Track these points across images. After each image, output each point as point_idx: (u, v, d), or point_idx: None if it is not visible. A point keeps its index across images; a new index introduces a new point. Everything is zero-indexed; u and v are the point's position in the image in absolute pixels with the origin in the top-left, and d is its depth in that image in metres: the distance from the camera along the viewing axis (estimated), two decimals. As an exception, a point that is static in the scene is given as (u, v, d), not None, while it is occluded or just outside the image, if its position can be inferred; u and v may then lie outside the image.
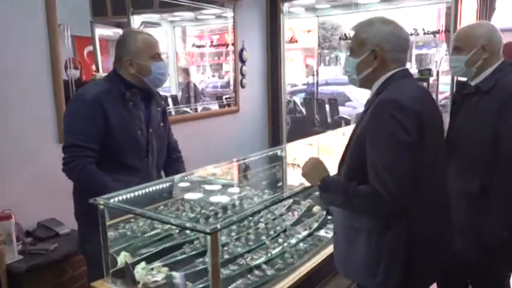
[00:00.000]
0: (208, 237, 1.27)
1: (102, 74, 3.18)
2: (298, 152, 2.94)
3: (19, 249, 2.23)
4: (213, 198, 2.06)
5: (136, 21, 3.56)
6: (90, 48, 3.15)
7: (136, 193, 1.81)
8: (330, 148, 3.14)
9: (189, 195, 2.12)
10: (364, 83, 1.46)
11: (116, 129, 1.88)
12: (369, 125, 1.32)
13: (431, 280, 1.53)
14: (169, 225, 1.91)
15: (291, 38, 5.54)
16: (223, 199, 2.07)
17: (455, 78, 3.47)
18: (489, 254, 1.82)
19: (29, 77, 2.52)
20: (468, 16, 3.86)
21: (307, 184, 1.60)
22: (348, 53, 1.50)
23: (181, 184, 2.13)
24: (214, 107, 4.31)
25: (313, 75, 8.32)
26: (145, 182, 1.92)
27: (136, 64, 1.92)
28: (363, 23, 1.45)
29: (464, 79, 1.99)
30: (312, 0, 4.64)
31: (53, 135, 2.65)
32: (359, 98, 8.56)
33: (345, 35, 5.20)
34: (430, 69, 3.97)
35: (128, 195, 1.75)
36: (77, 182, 1.93)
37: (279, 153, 2.79)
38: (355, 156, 1.38)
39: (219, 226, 1.30)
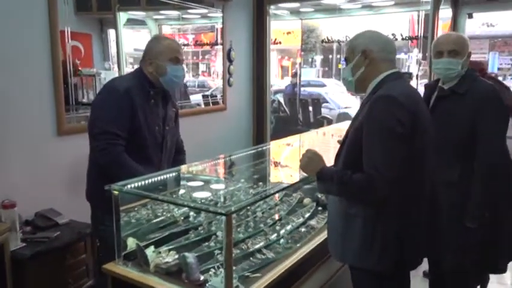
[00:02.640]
0: (224, 218, 1.40)
1: (86, 69, 3.23)
2: (284, 149, 3.10)
3: (20, 237, 2.29)
4: (213, 187, 2.19)
5: (122, 18, 3.59)
6: (74, 42, 3.17)
7: (142, 182, 1.92)
8: (312, 146, 3.30)
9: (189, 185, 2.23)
10: (359, 85, 1.64)
11: (141, 122, 2.04)
12: (365, 117, 1.47)
13: (420, 260, 1.68)
14: (172, 213, 2.05)
15: (274, 40, 5.69)
16: (221, 189, 2.21)
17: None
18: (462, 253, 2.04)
19: (29, 69, 2.56)
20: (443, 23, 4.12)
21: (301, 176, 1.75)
22: (344, 64, 1.69)
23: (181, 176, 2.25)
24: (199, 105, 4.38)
25: (293, 76, 8.52)
26: None
27: (155, 64, 2.10)
28: (353, 36, 1.67)
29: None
30: (297, 4, 4.80)
31: (52, 127, 2.70)
32: (335, 99, 8.86)
33: (327, 38, 5.40)
34: (410, 73, 4.23)
35: (137, 184, 1.86)
36: (108, 167, 2.01)
37: (263, 150, 2.95)
38: (351, 148, 1.53)
39: (233, 208, 1.44)
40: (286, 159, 2.86)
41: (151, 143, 2.11)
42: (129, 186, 1.80)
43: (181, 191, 2.10)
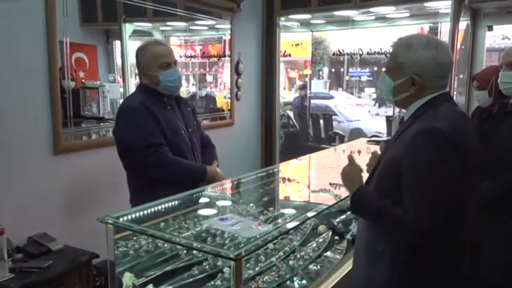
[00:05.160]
0: (233, 263, 1.20)
1: (90, 81, 3.10)
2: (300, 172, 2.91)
3: (10, 266, 2.10)
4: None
5: (128, 29, 3.49)
6: (78, 54, 3.06)
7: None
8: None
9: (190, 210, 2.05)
10: (400, 105, 1.44)
11: (168, 130, 2.06)
12: (408, 152, 1.27)
13: None
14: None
15: (284, 52, 5.53)
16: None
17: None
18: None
19: (24, 85, 2.40)
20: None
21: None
22: (385, 71, 1.44)
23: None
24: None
25: (300, 88, 8.35)
26: None
27: (148, 76, 2.09)
28: (401, 44, 1.38)
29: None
30: (308, 16, 4.64)
31: (49, 147, 2.52)
32: (344, 112, 8.66)
33: (338, 51, 5.23)
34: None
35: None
36: (170, 176, 2.04)
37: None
38: (385, 180, 1.34)
39: (243, 252, 1.24)
40: (302, 183, 2.68)
41: (184, 146, 2.12)
42: (129, 216, 1.62)
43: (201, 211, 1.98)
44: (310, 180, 2.94)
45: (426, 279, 1.31)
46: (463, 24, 3.74)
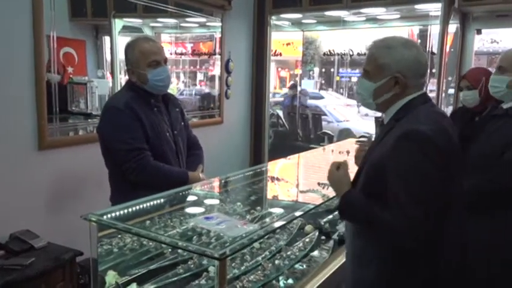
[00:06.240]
0: (217, 262, 1.18)
1: (79, 77, 3.06)
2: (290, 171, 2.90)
3: (-9, 263, 2.06)
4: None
5: (117, 25, 3.45)
6: (67, 49, 3.01)
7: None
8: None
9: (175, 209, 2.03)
10: (380, 108, 1.43)
11: (151, 133, 2.00)
12: (391, 156, 1.26)
13: None
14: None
15: (275, 51, 5.52)
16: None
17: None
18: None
19: (9, 79, 2.35)
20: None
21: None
22: (362, 75, 1.43)
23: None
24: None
25: (290, 88, 8.35)
26: None
27: (137, 73, 2.02)
28: (379, 46, 1.37)
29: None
30: (299, 15, 4.63)
31: (33, 142, 2.48)
32: (334, 112, 8.68)
33: (329, 51, 5.23)
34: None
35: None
36: (150, 181, 1.99)
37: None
38: (371, 184, 1.33)
39: (228, 251, 1.22)
40: (291, 182, 2.67)
41: (167, 150, 2.07)
42: (113, 214, 1.60)
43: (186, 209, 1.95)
44: (299, 179, 2.94)
45: (414, 284, 1.30)
46: (452, 27, 3.77)
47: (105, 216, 1.55)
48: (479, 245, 1.78)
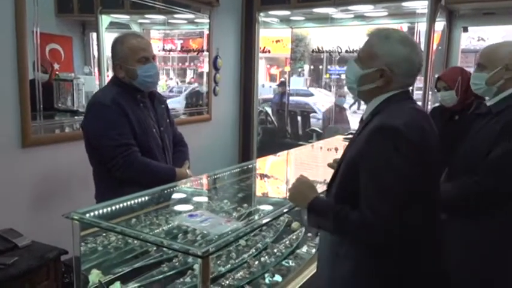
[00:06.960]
0: (200, 260, 1.17)
1: (65, 73, 3.02)
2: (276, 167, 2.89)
3: (-27, 262, 2.02)
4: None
5: (104, 21, 3.41)
6: (53, 45, 2.98)
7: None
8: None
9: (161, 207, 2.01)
10: (362, 96, 1.40)
11: (138, 129, 1.99)
12: (364, 149, 1.24)
13: None
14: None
15: (263, 48, 5.51)
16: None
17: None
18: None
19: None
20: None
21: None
22: (355, 59, 1.40)
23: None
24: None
25: (279, 85, 8.35)
26: None
27: (125, 68, 2.01)
28: (379, 34, 1.35)
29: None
30: (287, 12, 4.63)
31: (16, 140, 2.44)
32: (322, 109, 8.69)
33: (317, 48, 5.23)
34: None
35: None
36: (137, 177, 1.98)
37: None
38: (348, 180, 1.30)
39: (211, 248, 1.21)
40: (276, 178, 2.66)
41: (154, 146, 2.06)
42: (96, 212, 1.58)
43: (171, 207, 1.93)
44: (287, 176, 2.93)
45: (391, 281, 1.30)
46: (439, 25, 3.79)
47: (87, 215, 1.53)
48: (465, 246, 1.79)
